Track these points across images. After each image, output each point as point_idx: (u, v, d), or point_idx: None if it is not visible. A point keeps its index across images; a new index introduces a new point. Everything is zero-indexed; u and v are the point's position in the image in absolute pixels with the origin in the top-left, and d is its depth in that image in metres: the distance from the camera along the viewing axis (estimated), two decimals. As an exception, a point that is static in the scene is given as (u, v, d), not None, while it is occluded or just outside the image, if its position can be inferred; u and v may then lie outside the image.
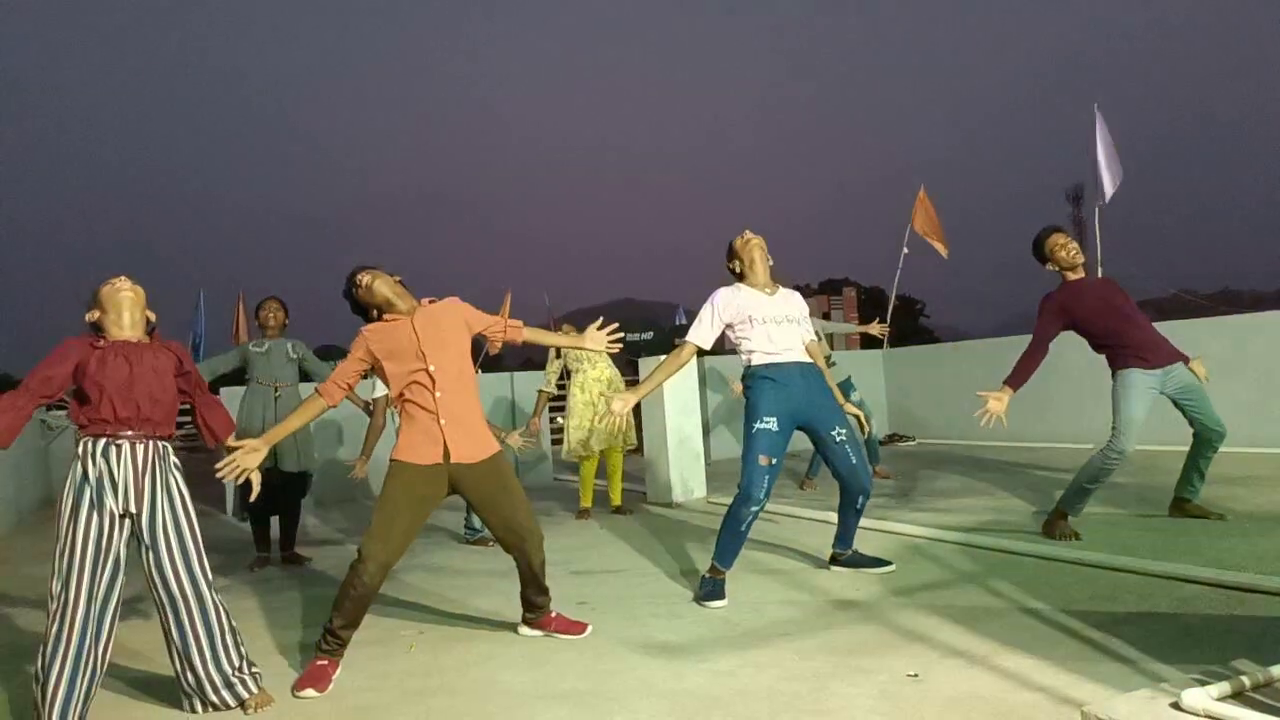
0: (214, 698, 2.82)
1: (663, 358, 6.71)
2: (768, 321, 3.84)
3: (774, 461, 3.67)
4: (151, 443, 2.83)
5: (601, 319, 3.76)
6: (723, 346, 4.41)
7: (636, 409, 7.12)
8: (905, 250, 11.10)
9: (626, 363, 14.37)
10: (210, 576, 2.87)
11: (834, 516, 4.14)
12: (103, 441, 2.76)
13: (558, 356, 6.37)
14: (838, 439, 3.81)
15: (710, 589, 3.72)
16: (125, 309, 2.90)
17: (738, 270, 4.03)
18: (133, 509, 2.76)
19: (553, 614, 3.42)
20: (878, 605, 3.50)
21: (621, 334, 3.70)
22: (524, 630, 3.44)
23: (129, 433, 2.79)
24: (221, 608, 2.88)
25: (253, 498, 3.20)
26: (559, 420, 10.12)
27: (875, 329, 7.20)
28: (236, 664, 2.86)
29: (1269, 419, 7.01)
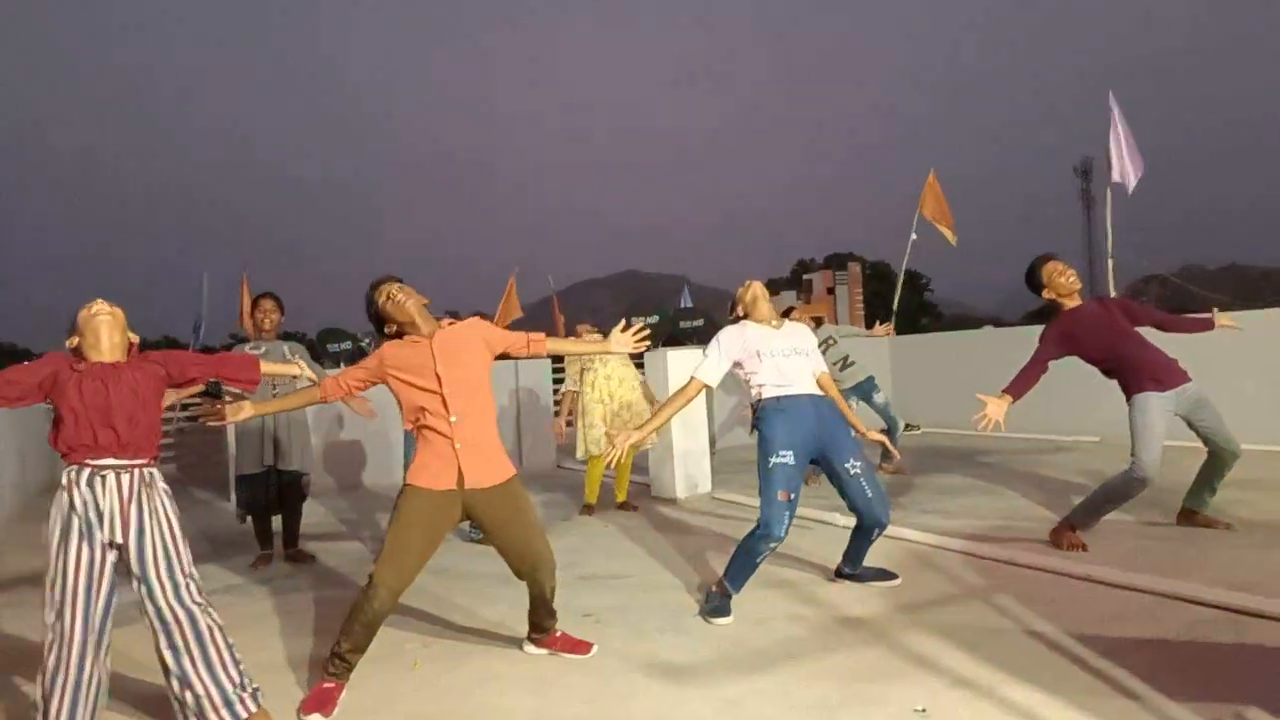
0: (213, 717, 2.81)
1: (669, 358, 6.70)
2: (776, 355, 3.82)
3: (792, 497, 3.64)
4: (136, 470, 2.80)
5: (624, 321, 3.75)
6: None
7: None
8: (914, 236, 11.03)
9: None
10: (203, 599, 2.84)
11: (839, 518, 4.12)
12: (86, 472, 2.73)
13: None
14: (852, 472, 3.76)
15: (717, 605, 3.71)
16: (103, 332, 2.85)
17: (742, 314, 4.04)
18: (119, 540, 2.73)
19: (558, 633, 3.41)
20: (884, 624, 3.49)
21: (646, 330, 3.66)
22: (529, 648, 3.43)
23: (111, 460, 2.75)
24: (216, 628, 2.85)
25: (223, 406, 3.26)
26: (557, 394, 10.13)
27: (880, 332, 7.25)
28: (237, 681, 2.85)
29: (1276, 415, 6.98)
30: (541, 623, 3.37)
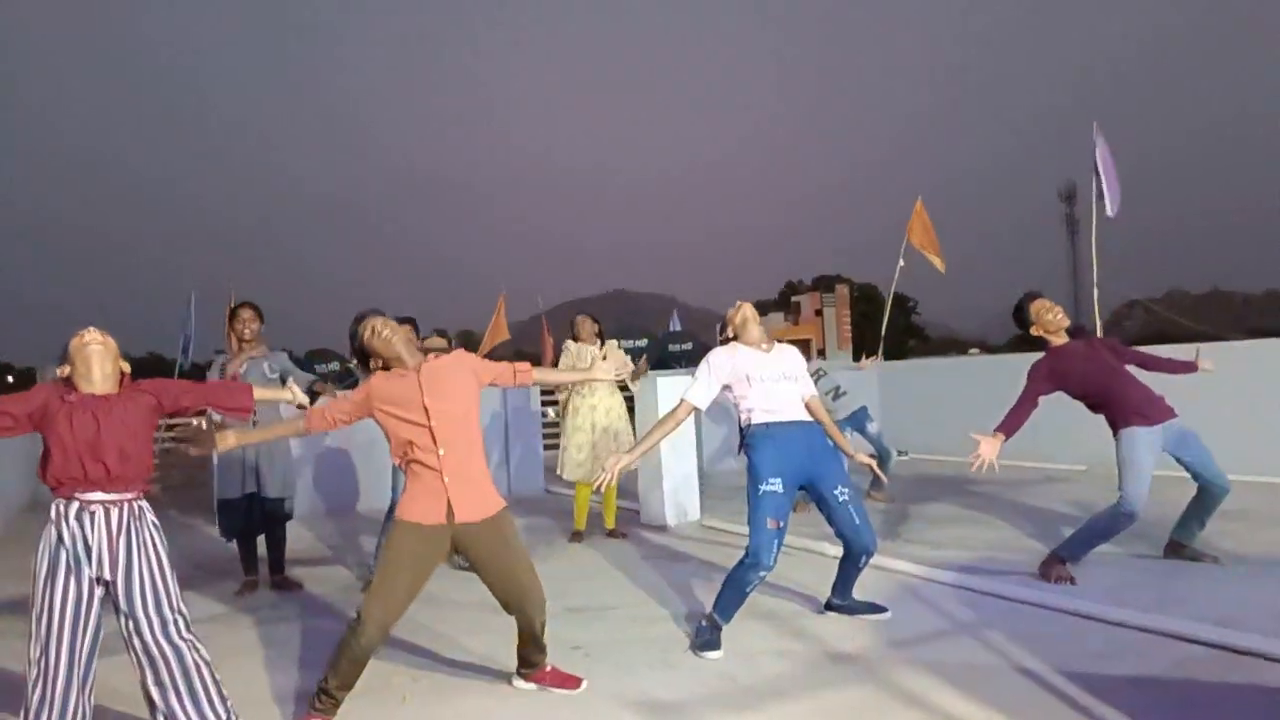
0: None
1: (659, 385, 6.70)
2: (765, 380, 3.82)
3: (781, 525, 3.64)
4: (126, 505, 2.77)
5: (621, 347, 3.78)
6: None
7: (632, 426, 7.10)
8: (901, 263, 11.06)
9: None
10: (190, 635, 2.81)
11: (829, 547, 4.12)
12: (75, 506, 2.70)
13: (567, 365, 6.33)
14: (840, 499, 3.77)
15: (706, 639, 3.69)
16: (94, 363, 2.82)
17: (732, 335, 4.03)
18: (107, 576, 2.70)
19: (548, 667, 3.39)
20: (874, 660, 3.48)
21: (630, 358, 3.68)
22: (518, 683, 3.40)
23: (100, 495, 2.72)
24: (203, 664, 2.82)
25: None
26: (550, 415, 10.09)
27: (866, 364, 7.36)
28: (223, 717, 2.82)
29: (1259, 446, 7.03)
30: (530, 657, 3.35)
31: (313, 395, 5.23)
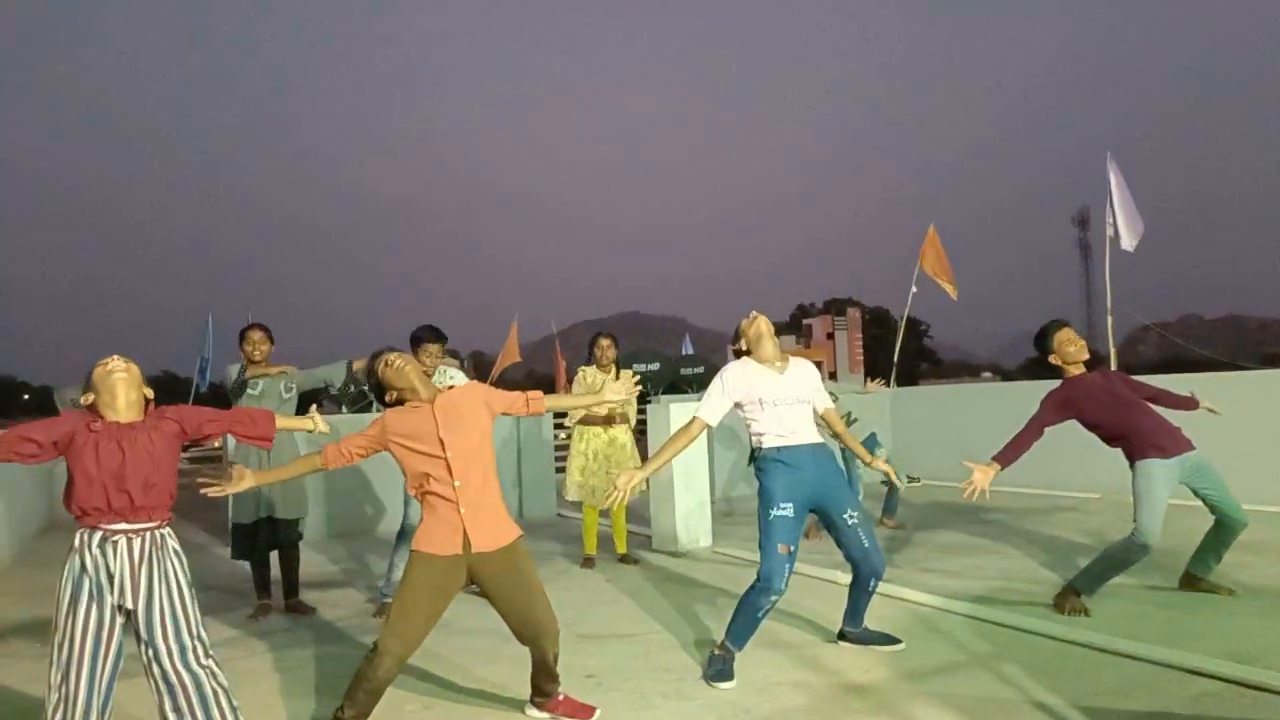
0: None
1: (672, 410, 6.74)
2: (779, 404, 3.81)
3: (792, 549, 3.66)
4: (149, 534, 2.80)
5: (635, 376, 3.85)
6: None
7: (642, 450, 7.12)
8: (914, 289, 11.14)
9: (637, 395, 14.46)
10: (209, 661, 2.84)
11: (841, 575, 4.12)
12: (98, 535, 2.74)
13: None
14: (849, 522, 3.79)
15: (719, 669, 3.69)
16: (119, 392, 2.84)
17: (745, 349, 4.00)
18: (129, 604, 2.73)
19: (561, 696, 3.39)
20: (888, 692, 3.47)
21: (638, 378, 3.72)
22: (531, 712, 3.41)
23: (123, 525, 2.75)
24: (222, 691, 2.84)
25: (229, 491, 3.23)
26: (561, 437, 10.12)
27: (873, 388, 7.38)
28: None
29: (1274, 477, 6.99)
30: (543, 686, 3.36)
31: (353, 380, 5.26)
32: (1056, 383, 4.59)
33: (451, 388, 3.36)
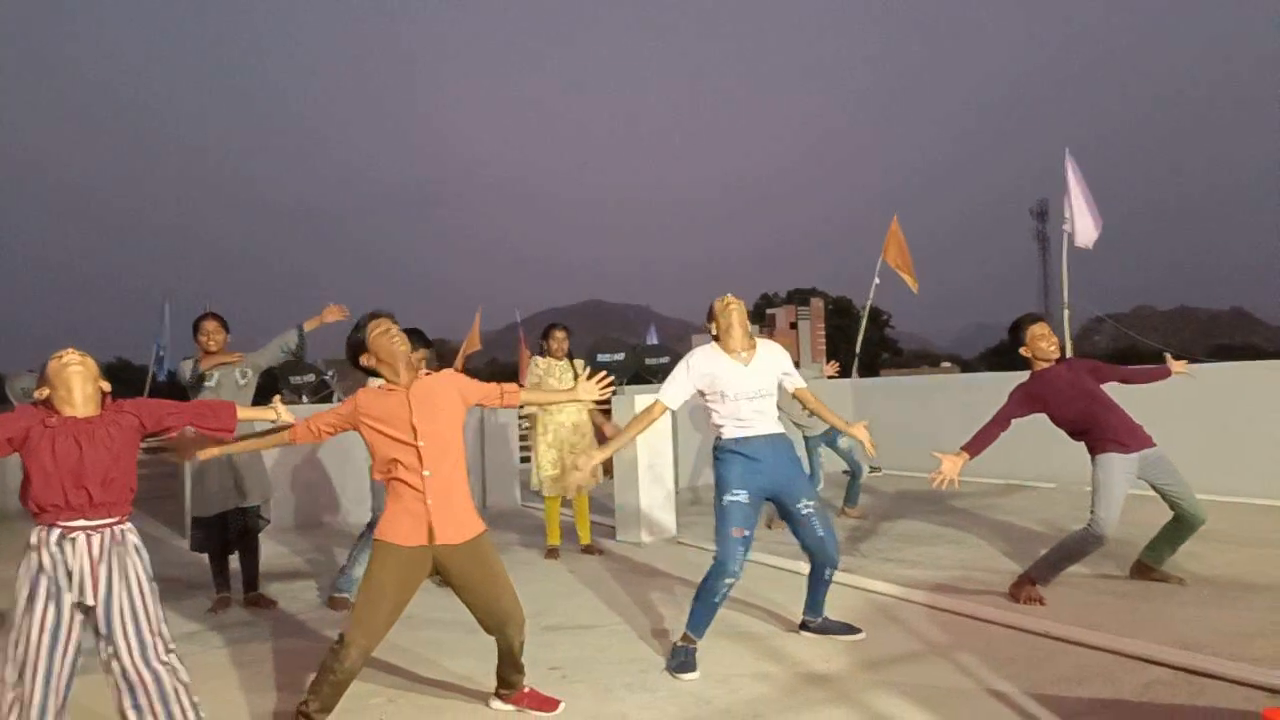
0: None
1: (637, 401, 6.75)
2: (739, 399, 3.85)
3: (746, 534, 3.73)
4: (109, 530, 2.76)
5: (588, 369, 3.81)
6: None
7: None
8: (876, 280, 11.24)
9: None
10: (169, 657, 2.80)
11: (804, 566, 4.17)
12: (56, 532, 2.69)
13: (534, 383, 6.35)
14: (804, 511, 3.86)
15: (682, 660, 3.72)
16: (75, 386, 2.78)
17: (715, 332, 4.00)
18: (89, 601, 2.69)
19: (526, 688, 3.40)
20: (848, 682, 3.52)
21: (611, 378, 3.73)
22: (496, 704, 3.41)
23: (82, 521, 2.71)
24: (182, 687, 2.80)
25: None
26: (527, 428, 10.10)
27: (828, 370, 7.43)
28: None
29: (1224, 467, 7.16)
30: (509, 678, 3.36)
31: (303, 341, 5.15)
32: (1016, 374, 4.66)
33: (428, 373, 3.32)
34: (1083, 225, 9.05)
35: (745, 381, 3.88)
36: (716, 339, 4.00)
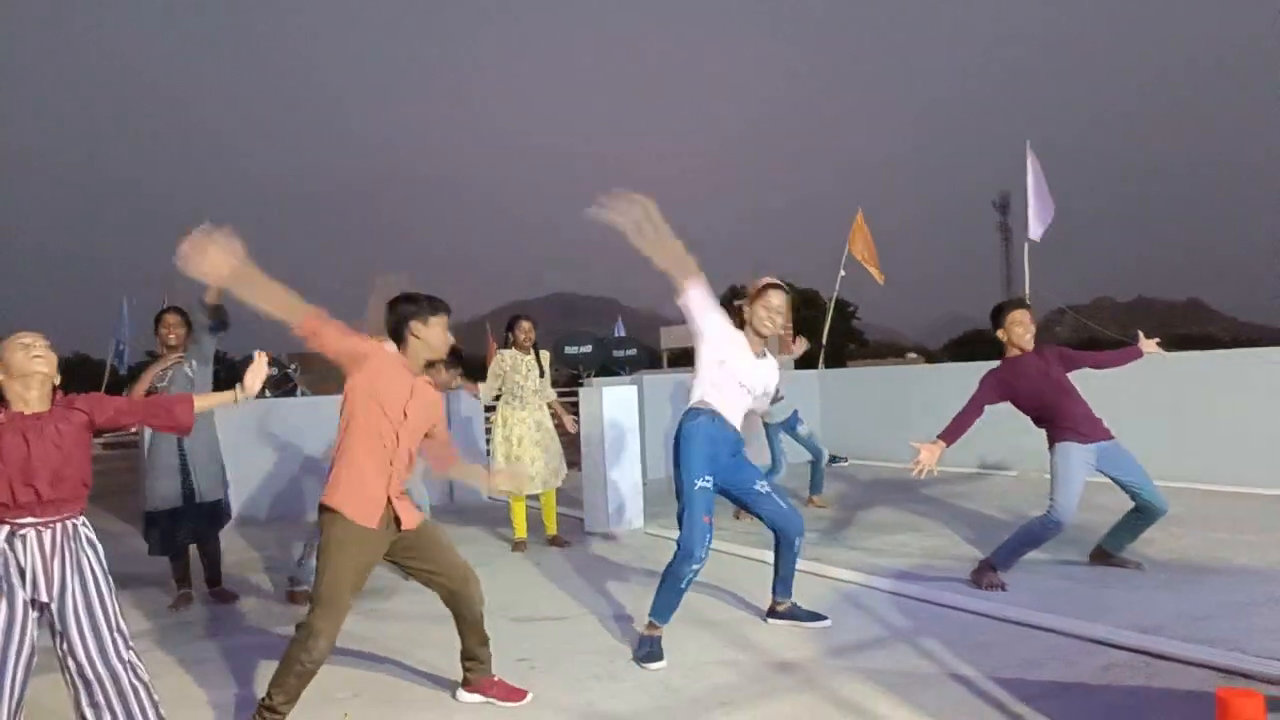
0: None
1: (605, 402, 6.74)
2: (741, 390, 3.90)
3: (710, 520, 3.76)
4: (60, 524, 2.69)
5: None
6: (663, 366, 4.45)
7: (576, 438, 7.13)
8: (842, 273, 11.32)
9: (569, 376, 14.39)
10: (128, 654, 2.75)
11: (767, 555, 4.20)
12: (5, 530, 2.62)
13: (498, 375, 6.30)
14: (762, 490, 3.94)
15: (649, 650, 3.73)
16: (35, 385, 2.68)
17: (747, 315, 3.95)
18: (43, 598, 2.63)
19: (495, 677, 3.39)
20: (815, 669, 3.55)
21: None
22: (463, 695, 3.39)
23: (30, 519, 2.63)
24: (141, 685, 2.75)
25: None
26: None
27: (797, 348, 7.38)
28: None
29: (1180, 454, 7.31)
30: (476, 653, 3.35)
31: (209, 309, 4.87)
32: (981, 365, 4.72)
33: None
34: (1035, 217, 9.19)
35: (755, 378, 3.94)
36: (746, 321, 3.96)
